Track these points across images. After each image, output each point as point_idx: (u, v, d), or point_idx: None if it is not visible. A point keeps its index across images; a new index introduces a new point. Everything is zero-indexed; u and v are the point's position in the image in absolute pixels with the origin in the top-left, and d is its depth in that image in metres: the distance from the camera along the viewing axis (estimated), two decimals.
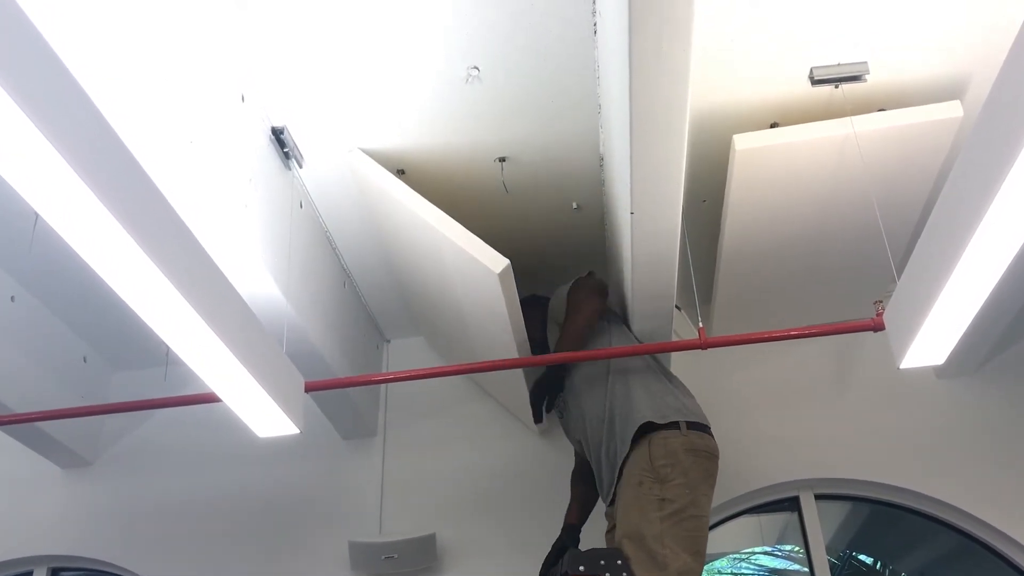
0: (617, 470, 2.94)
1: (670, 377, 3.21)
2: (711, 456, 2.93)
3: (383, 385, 4.27)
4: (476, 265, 2.95)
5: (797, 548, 3.93)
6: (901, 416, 3.83)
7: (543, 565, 3.12)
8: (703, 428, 2.98)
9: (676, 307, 3.20)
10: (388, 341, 4.39)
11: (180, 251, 1.97)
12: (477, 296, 3.15)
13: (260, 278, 2.84)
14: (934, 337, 2.35)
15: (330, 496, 4.05)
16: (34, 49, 1.48)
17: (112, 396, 4.32)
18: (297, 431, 2.80)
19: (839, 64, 2.85)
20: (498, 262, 2.92)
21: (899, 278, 2.43)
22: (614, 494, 2.97)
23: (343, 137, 3.08)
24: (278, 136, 2.97)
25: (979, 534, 3.66)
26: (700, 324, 3.01)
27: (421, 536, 3.69)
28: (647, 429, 2.91)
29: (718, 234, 3.34)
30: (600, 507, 3.28)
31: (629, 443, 2.91)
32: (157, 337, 2.13)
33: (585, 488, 3.42)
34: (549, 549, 3.22)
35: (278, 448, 3.64)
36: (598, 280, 3.43)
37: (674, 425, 2.91)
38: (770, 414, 3.92)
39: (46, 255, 3.19)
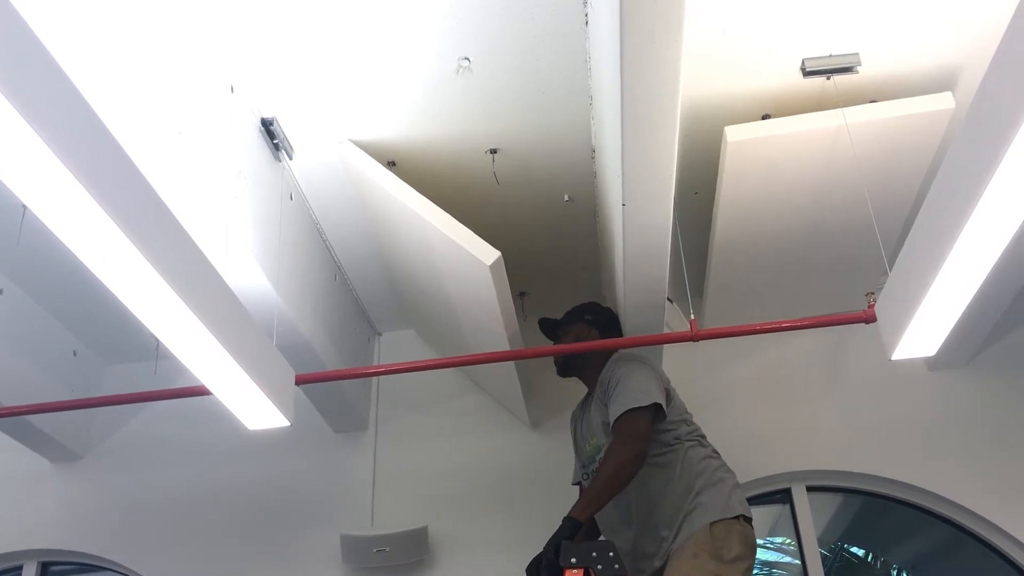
0: (668, 550, 2.90)
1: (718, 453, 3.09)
2: (754, 551, 2.89)
3: (375, 378, 4.26)
4: (467, 257, 2.94)
5: (789, 540, 3.94)
6: (893, 408, 3.84)
7: (532, 562, 3.10)
8: (750, 520, 2.94)
9: (668, 299, 3.19)
10: (379, 334, 4.38)
11: (169, 243, 1.96)
12: (468, 288, 3.14)
13: (250, 270, 2.83)
14: (925, 329, 2.36)
15: (322, 489, 4.05)
16: (20, 39, 1.47)
17: (102, 390, 4.31)
18: (288, 423, 2.79)
19: (831, 55, 2.85)
20: (489, 254, 2.91)
21: (891, 270, 2.43)
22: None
23: (333, 128, 3.06)
24: (268, 127, 2.96)
25: (970, 525, 3.67)
26: (692, 316, 3.01)
27: (413, 529, 3.69)
28: None
29: (710, 226, 3.33)
30: None
31: (690, 534, 2.85)
32: (147, 331, 2.12)
33: None
34: (540, 540, 3.21)
35: (270, 441, 3.63)
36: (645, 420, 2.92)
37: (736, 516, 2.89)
38: (761, 406, 3.93)
39: (35, 248, 3.17)
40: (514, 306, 3.25)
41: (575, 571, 2.78)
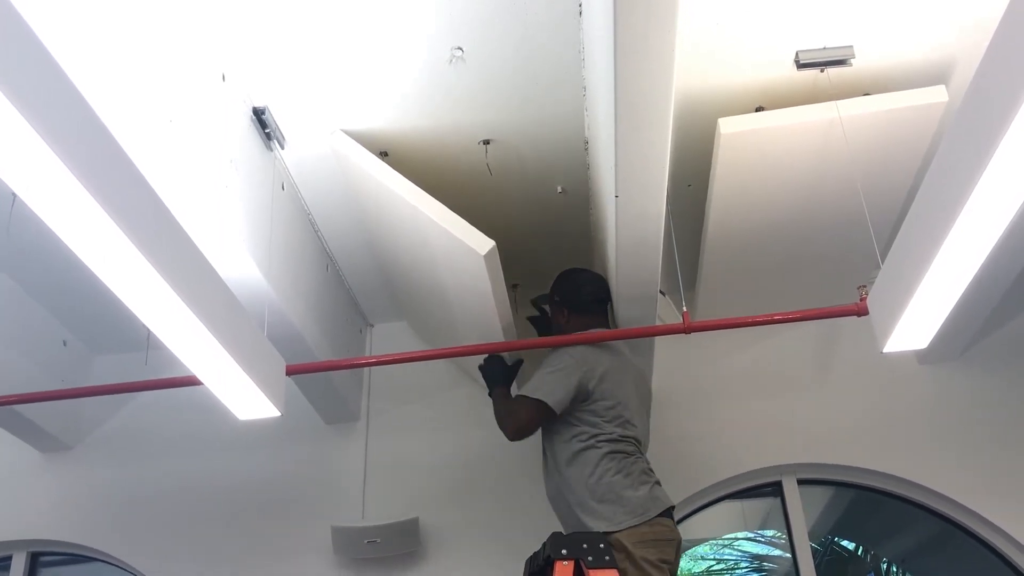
0: None
1: (630, 453, 3.03)
2: (663, 541, 2.88)
3: (366, 369, 4.25)
4: (461, 247, 2.93)
5: (780, 533, 3.95)
6: (884, 401, 3.85)
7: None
8: (659, 514, 2.92)
9: (660, 292, 3.19)
10: (371, 325, 4.37)
11: (160, 233, 1.95)
12: (463, 278, 3.14)
13: (241, 260, 2.82)
14: (917, 322, 2.36)
15: (313, 480, 4.04)
16: (9, 25, 1.45)
17: (93, 380, 4.29)
18: (278, 414, 2.78)
19: (824, 48, 2.84)
20: (484, 243, 2.91)
21: (883, 263, 2.43)
22: None
23: (326, 118, 3.05)
24: (259, 116, 2.94)
25: (960, 519, 3.69)
26: (684, 309, 3.01)
27: (404, 520, 3.69)
28: None
29: (703, 218, 3.33)
30: None
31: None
32: (138, 320, 2.11)
33: None
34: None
35: (261, 432, 3.63)
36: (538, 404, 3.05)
37: None
38: (753, 399, 3.93)
39: (24, 237, 3.16)
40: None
41: (565, 563, 2.79)
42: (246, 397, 2.65)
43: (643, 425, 3.15)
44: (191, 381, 2.63)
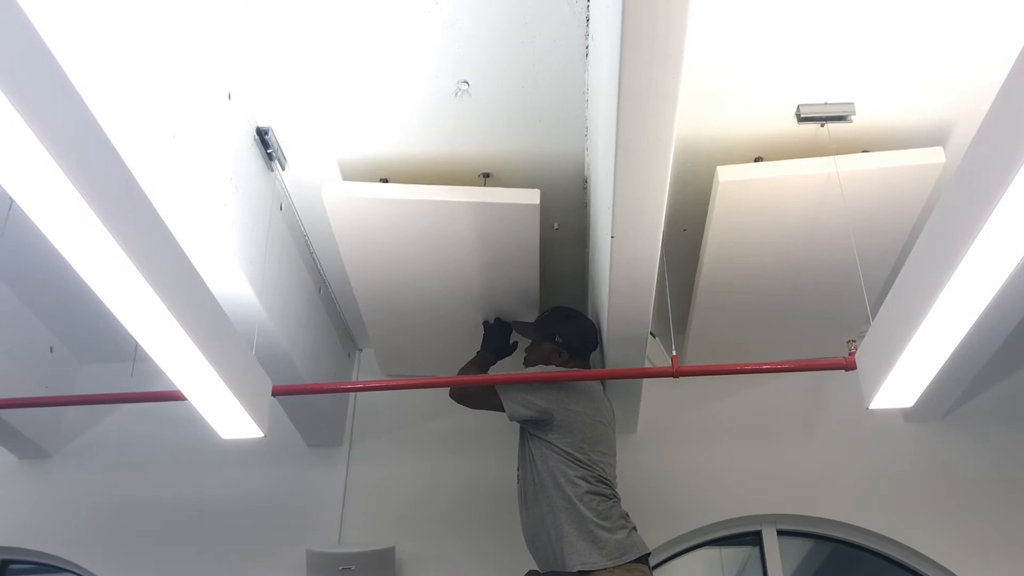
0: None
1: (608, 496, 3.02)
2: None
3: (352, 394, 4.24)
4: (508, 207, 3.04)
5: None
6: (867, 457, 3.85)
7: None
8: (635, 560, 2.91)
9: (651, 334, 3.19)
10: (360, 349, 4.36)
11: (154, 246, 1.95)
12: (504, 241, 3.21)
13: (234, 278, 2.82)
14: (904, 380, 2.37)
15: (291, 502, 4.01)
16: (19, 36, 1.46)
17: (77, 388, 4.27)
18: (261, 435, 2.77)
19: (826, 103, 2.87)
20: (531, 194, 3.04)
21: (873, 319, 2.44)
22: None
23: (328, 141, 3.06)
24: (263, 136, 2.95)
25: None
26: (673, 352, 3.01)
27: (380, 549, 3.66)
28: None
29: (697, 264, 3.35)
30: None
31: None
32: (126, 331, 2.11)
33: None
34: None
35: (242, 451, 3.61)
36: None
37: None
38: (737, 446, 3.93)
39: (18, 241, 3.15)
40: None
41: None
42: (230, 416, 2.64)
43: (614, 471, 3.14)
44: (175, 396, 2.61)
